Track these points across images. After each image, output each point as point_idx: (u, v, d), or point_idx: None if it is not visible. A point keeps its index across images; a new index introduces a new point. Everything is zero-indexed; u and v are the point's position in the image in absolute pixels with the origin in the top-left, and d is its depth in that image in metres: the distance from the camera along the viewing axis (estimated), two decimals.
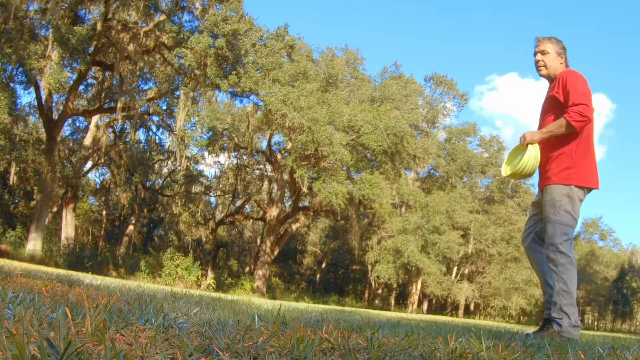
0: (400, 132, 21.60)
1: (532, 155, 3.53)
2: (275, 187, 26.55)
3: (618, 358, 1.84)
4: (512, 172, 3.65)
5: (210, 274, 25.10)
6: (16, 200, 29.27)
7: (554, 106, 3.54)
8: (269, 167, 27.23)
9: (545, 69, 3.66)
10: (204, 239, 32.83)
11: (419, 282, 31.10)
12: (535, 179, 3.80)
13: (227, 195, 30.83)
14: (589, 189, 3.49)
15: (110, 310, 1.78)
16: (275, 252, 25.73)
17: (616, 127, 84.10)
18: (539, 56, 3.67)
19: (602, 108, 79.67)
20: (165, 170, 31.07)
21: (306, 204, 26.39)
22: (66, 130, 25.45)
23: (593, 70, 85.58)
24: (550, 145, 3.52)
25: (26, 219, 25.11)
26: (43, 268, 10.07)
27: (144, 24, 18.66)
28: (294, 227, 27.10)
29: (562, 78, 3.49)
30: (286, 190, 25.92)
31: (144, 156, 27.68)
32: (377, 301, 34.61)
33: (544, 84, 3.84)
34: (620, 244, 46.89)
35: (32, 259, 16.90)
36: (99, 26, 17.80)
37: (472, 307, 38.01)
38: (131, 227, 29.90)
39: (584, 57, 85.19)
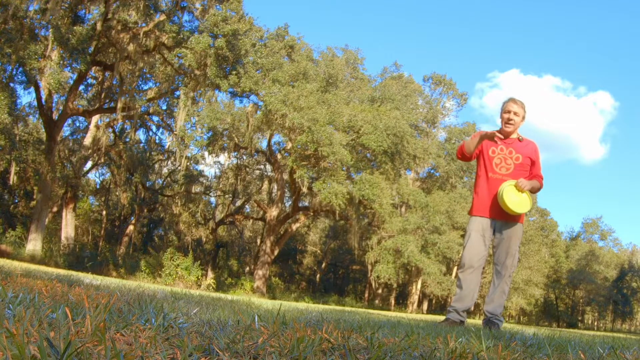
0: (400, 132, 21.58)
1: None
2: (275, 187, 26.55)
3: (618, 358, 1.84)
4: (516, 209, 4.19)
5: (210, 274, 25.10)
6: (16, 200, 29.27)
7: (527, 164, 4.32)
8: (269, 167, 27.23)
9: (514, 127, 4.31)
10: (204, 239, 32.81)
11: (419, 282, 31.09)
12: None
13: (227, 195, 30.83)
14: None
15: (110, 310, 1.78)
16: (275, 252, 25.71)
17: (619, 125, 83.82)
18: (511, 115, 4.28)
19: (605, 106, 79.40)
20: (165, 170, 31.07)
21: (306, 204, 26.37)
22: (66, 130, 25.48)
23: (596, 68, 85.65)
24: None
25: (26, 219, 25.12)
26: (43, 268, 10.07)
27: (144, 24, 18.66)
28: (294, 227, 27.09)
29: (534, 147, 4.38)
30: (286, 190, 25.91)
31: (144, 156, 27.68)
32: (377, 301, 34.60)
33: (546, 82, 4.09)
34: (620, 244, 46.78)
35: (32, 259, 16.91)
36: (99, 26, 17.80)
37: (472, 307, 38.00)
38: (131, 227, 29.91)
39: (586, 54, 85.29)
